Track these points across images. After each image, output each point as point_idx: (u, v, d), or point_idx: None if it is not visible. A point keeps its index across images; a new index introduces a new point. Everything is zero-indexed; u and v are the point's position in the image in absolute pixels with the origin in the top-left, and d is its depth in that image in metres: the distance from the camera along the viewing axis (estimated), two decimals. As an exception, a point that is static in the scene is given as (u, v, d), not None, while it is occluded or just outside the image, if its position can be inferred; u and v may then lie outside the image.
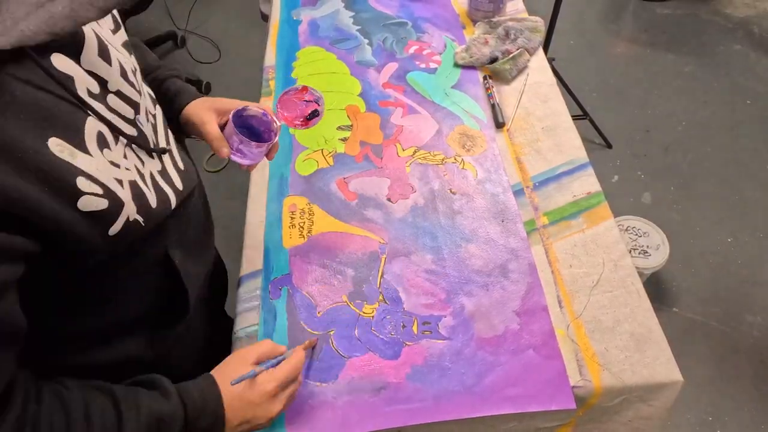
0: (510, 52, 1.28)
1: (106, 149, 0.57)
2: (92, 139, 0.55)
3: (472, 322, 0.88)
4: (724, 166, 2.28)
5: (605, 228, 0.99)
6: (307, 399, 0.81)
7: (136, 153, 0.64)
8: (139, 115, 0.66)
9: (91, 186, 0.53)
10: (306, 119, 0.87)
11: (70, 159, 0.51)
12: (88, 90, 0.57)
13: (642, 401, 0.85)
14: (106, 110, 0.59)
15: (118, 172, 0.58)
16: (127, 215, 0.58)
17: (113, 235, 0.57)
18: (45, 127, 0.50)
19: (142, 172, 0.64)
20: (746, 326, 1.81)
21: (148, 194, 0.63)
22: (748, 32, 2.89)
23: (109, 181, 0.56)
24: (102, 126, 0.57)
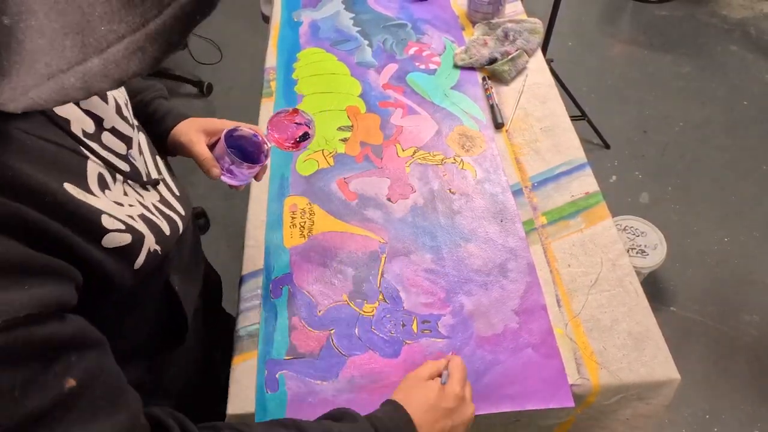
0: (509, 53, 1.28)
1: (107, 190, 0.56)
2: (94, 181, 0.54)
3: (471, 321, 0.88)
4: (721, 167, 2.28)
5: (603, 228, 0.99)
6: (308, 397, 0.81)
7: (133, 188, 0.63)
8: (131, 149, 0.65)
9: (114, 223, 0.53)
10: (296, 141, 0.86)
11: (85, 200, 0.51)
12: (84, 131, 0.56)
13: (640, 399, 0.85)
14: (100, 149, 0.58)
15: (126, 209, 0.58)
16: (149, 247, 0.58)
17: (138, 269, 0.57)
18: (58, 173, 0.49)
19: (145, 204, 0.64)
20: (743, 325, 1.81)
21: (160, 223, 0.63)
22: (745, 34, 2.89)
23: (124, 217, 0.55)
24: (101, 167, 0.56)
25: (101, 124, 0.60)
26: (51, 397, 0.40)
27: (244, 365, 0.85)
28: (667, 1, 3.12)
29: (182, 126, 0.84)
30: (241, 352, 0.87)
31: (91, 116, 0.58)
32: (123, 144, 0.63)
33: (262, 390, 0.82)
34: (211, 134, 0.84)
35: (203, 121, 0.85)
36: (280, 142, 0.85)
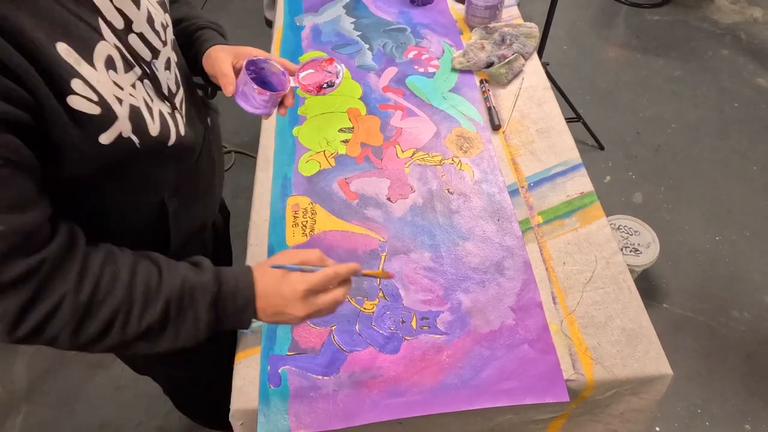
0: (506, 56, 1.28)
1: (112, 71, 0.61)
2: (100, 58, 0.59)
3: (469, 317, 0.88)
4: (712, 167, 2.27)
5: (598, 227, 0.99)
6: (309, 392, 0.81)
7: (145, 89, 0.67)
8: (156, 60, 0.70)
9: (86, 90, 0.57)
10: (320, 87, 0.88)
11: (75, 65, 0.56)
12: (112, 23, 0.61)
13: (633, 394, 0.85)
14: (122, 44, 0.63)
15: (119, 92, 0.61)
16: (120, 130, 0.61)
17: (106, 144, 0.60)
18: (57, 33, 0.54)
19: (150, 105, 0.67)
20: (733, 322, 1.81)
21: (149, 123, 0.66)
22: (736, 38, 2.89)
23: (106, 95, 0.59)
24: (114, 52, 0.61)
25: (130, 26, 0.65)
26: None
27: (248, 361, 0.85)
28: (660, 6, 3.11)
29: (216, 47, 0.86)
30: (245, 348, 0.87)
31: (122, 15, 0.63)
32: (149, 52, 0.68)
33: (265, 385, 0.82)
34: (240, 57, 0.84)
35: (237, 47, 0.86)
36: (305, 85, 0.87)
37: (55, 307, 0.58)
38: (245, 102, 0.82)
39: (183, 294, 0.66)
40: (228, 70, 0.82)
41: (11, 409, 1.73)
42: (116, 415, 1.70)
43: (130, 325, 0.62)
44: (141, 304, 0.63)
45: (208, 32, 0.90)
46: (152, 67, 0.69)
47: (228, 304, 0.68)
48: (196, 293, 0.66)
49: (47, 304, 0.57)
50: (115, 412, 1.71)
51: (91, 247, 0.63)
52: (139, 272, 0.64)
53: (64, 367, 1.81)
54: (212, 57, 0.84)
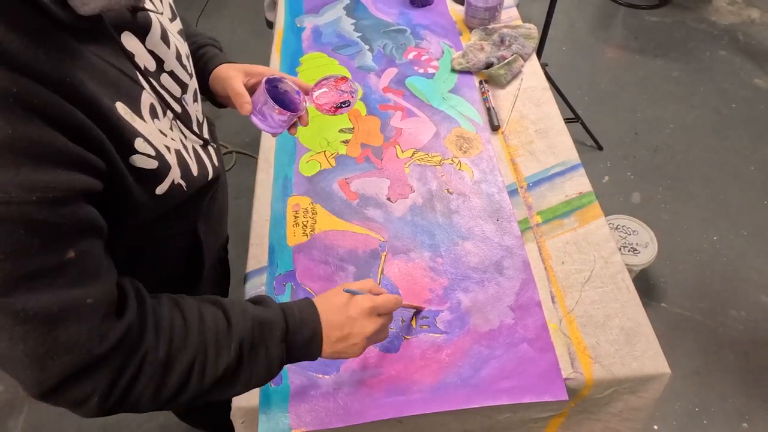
0: (505, 57, 1.28)
1: (156, 119, 0.62)
2: (146, 109, 0.60)
3: (468, 316, 0.88)
4: (710, 168, 2.27)
5: (596, 226, 0.99)
6: (310, 390, 0.81)
7: (179, 128, 0.68)
8: (186, 95, 0.71)
9: (146, 147, 0.57)
10: (335, 107, 0.87)
11: (131, 122, 0.56)
12: (145, 67, 0.62)
13: (631, 393, 0.85)
14: (158, 86, 0.64)
15: (165, 140, 0.62)
16: (173, 178, 0.63)
17: (160, 194, 0.61)
18: (114, 93, 0.55)
19: (185, 144, 0.68)
20: (731, 321, 1.81)
21: (191, 163, 0.68)
22: (734, 39, 2.89)
23: (159, 146, 0.60)
24: (154, 98, 0.62)
25: (162, 66, 0.66)
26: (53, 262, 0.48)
27: (249, 359, 0.85)
28: (658, 8, 3.11)
29: (225, 66, 0.85)
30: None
31: (154, 57, 0.64)
32: (179, 87, 0.69)
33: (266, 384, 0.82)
34: (250, 75, 0.84)
35: (245, 65, 0.86)
36: (320, 105, 0.86)
37: (138, 370, 0.56)
38: (262, 121, 0.80)
39: (254, 332, 0.64)
40: (242, 89, 0.80)
41: (14, 409, 1.73)
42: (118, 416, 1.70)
43: (207, 373, 0.60)
44: (215, 349, 0.61)
45: (210, 50, 0.89)
46: (182, 103, 0.70)
47: (297, 336, 0.67)
48: (265, 330, 0.65)
49: (132, 368, 0.55)
50: (116, 411, 1.71)
51: (155, 300, 0.61)
52: (206, 318, 0.62)
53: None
54: (222, 76, 0.83)
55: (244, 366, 0.63)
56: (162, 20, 0.67)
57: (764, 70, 2.68)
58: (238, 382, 0.64)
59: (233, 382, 0.64)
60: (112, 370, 0.54)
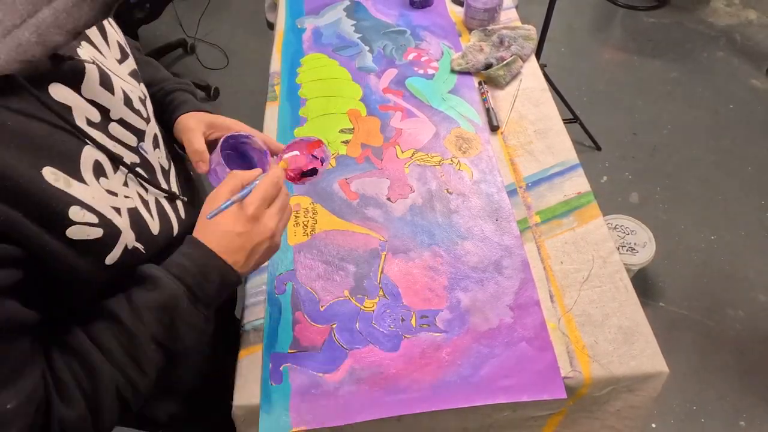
0: (504, 58, 1.28)
1: (103, 178, 0.55)
2: (88, 168, 0.53)
3: (467, 315, 0.88)
4: (707, 168, 2.28)
5: (594, 226, 0.99)
6: (311, 389, 0.81)
7: (138, 182, 0.62)
8: (143, 142, 0.64)
9: (85, 215, 0.51)
10: (302, 174, 0.76)
11: (65, 188, 0.50)
12: (88, 119, 0.56)
13: (629, 391, 0.85)
14: (106, 138, 0.57)
15: (115, 200, 0.56)
16: (125, 243, 0.57)
17: (111, 264, 0.55)
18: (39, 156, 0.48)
19: (145, 199, 0.62)
20: (728, 320, 1.81)
21: (150, 222, 0.61)
22: (731, 40, 2.89)
23: (105, 210, 0.54)
24: (100, 155, 0.55)
25: (108, 114, 0.59)
26: None
27: (250, 358, 0.85)
28: (656, 9, 3.11)
29: (188, 116, 0.78)
30: (247, 346, 0.87)
31: (96, 106, 0.57)
32: (133, 136, 0.63)
33: (267, 382, 0.82)
34: (214, 128, 0.77)
35: (212, 116, 0.79)
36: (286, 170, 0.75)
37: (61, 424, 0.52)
38: (216, 182, 0.72)
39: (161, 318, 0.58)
40: (200, 145, 0.73)
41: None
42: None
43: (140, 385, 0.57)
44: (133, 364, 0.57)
45: (178, 96, 0.81)
46: (140, 152, 0.63)
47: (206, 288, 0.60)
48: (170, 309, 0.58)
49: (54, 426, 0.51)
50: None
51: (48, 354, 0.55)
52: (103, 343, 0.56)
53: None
54: (183, 128, 0.76)
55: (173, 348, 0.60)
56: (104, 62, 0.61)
57: (761, 71, 2.69)
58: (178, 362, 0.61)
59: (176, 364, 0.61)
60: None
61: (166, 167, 0.71)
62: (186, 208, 0.73)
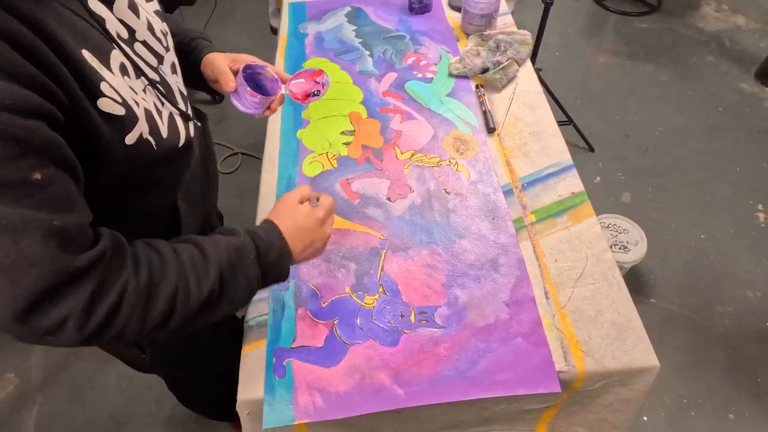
0: (500, 62, 1.28)
1: (127, 77, 0.62)
2: (116, 65, 0.60)
3: (465, 312, 0.88)
4: (697, 169, 2.27)
5: (588, 225, 0.99)
6: (313, 383, 0.81)
7: (156, 94, 0.68)
8: (162, 65, 0.72)
9: (111, 92, 0.57)
10: (306, 95, 0.93)
11: (98, 69, 0.56)
12: (117, 33, 0.62)
13: (622, 385, 0.85)
14: (131, 52, 0.64)
15: (135, 96, 0.62)
16: (141, 131, 0.62)
17: (130, 144, 0.60)
18: (80, 41, 0.55)
19: (160, 109, 0.68)
20: (718, 316, 1.81)
21: (161, 125, 0.67)
22: (720, 45, 2.89)
23: (127, 97, 0.60)
24: (125, 60, 0.62)
25: (134, 35, 0.66)
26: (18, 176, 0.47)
27: (254, 353, 0.85)
28: (648, 14, 3.11)
29: (214, 53, 0.90)
30: (251, 341, 0.87)
31: (125, 26, 0.64)
32: (154, 58, 0.70)
33: (271, 376, 0.82)
34: (235, 62, 0.88)
35: (233, 54, 0.90)
36: (293, 92, 0.92)
37: (120, 297, 0.56)
38: (238, 101, 0.87)
39: (230, 257, 0.66)
40: (227, 69, 0.86)
41: (27, 401, 1.73)
42: (127, 406, 1.70)
43: (192, 298, 0.62)
44: (195, 275, 0.62)
45: (201, 42, 0.92)
46: (160, 72, 0.71)
47: (268, 258, 0.70)
48: (240, 254, 0.67)
49: (112, 294, 0.55)
50: (126, 403, 1.71)
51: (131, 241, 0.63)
52: (181, 251, 0.64)
53: (78, 361, 1.81)
54: (210, 61, 0.88)
55: (228, 287, 0.65)
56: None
57: (749, 75, 2.68)
58: (222, 303, 0.66)
59: (218, 305, 0.65)
60: (86, 293, 0.53)
61: (184, 93, 0.79)
62: (194, 128, 0.80)
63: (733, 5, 3.14)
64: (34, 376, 1.78)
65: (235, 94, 0.86)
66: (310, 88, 0.93)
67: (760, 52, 2.77)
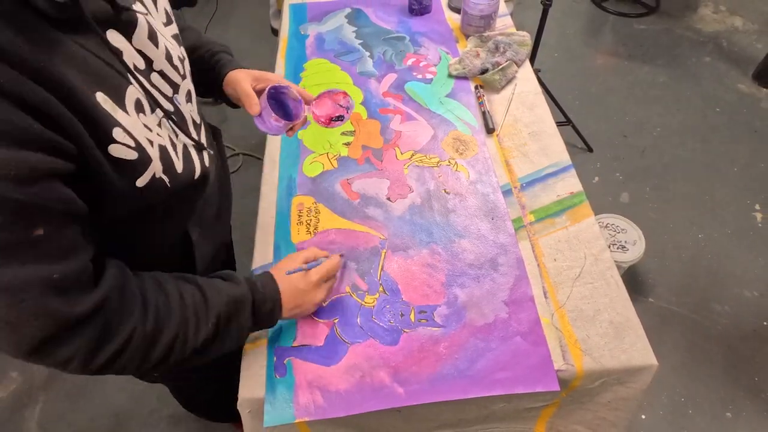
0: (499, 63, 1.28)
1: (142, 114, 0.61)
2: (131, 102, 0.59)
3: (464, 311, 0.88)
4: (695, 169, 2.28)
5: (586, 225, 0.99)
6: (313, 381, 0.81)
7: (170, 126, 0.68)
8: (177, 95, 0.71)
9: (125, 138, 0.57)
10: (330, 120, 0.92)
11: (112, 112, 0.55)
12: (134, 65, 0.62)
13: (620, 384, 0.85)
14: (148, 84, 0.64)
15: (150, 134, 0.62)
16: (154, 172, 0.62)
17: (141, 187, 0.61)
18: (94, 83, 0.54)
19: (175, 142, 0.68)
20: (715, 315, 1.81)
21: (176, 161, 0.68)
22: (718, 46, 2.89)
23: (141, 138, 0.60)
24: (141, 94, 0.61)
25: (151, 65, 0.65)
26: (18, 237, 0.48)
27: (255, 352, 0.85)
28: (646, 16, 3.11)
29: (237, 71, 0.89)
30: (252, 340, 0.87)
31: (142, 55, 0.64)
32: (170, 87, 0.69)
33: (272, 375, 0.82)
34: (259, 81, 0.87)
35: (256, 71, 0.89)
36: (317, 116, 0.91)
37: (127, 341, 0.59)
38: (261, 124, 0.85)
39: (228, 308, 0.70)
40: (251, 91, 0.85)
41: (30, 399, 1.73)
42: (130, 404, 1.70)
43: (188, 345, 0.66)
44: (195, 323, 0.66)
45: (223, 56, 0.92)
46: (174, 102, 0.71)
47: (262, 309, 0.75)
48: (238, 306, 0.72)
49: (120, 339, 0.58)
50: (128, 401, 1.71)
51: (139, 277, 0.64)
52: (186, 295, 0.67)
53: (81, 359, 1.81)
54: (234, 80, 0.87)
55: (219, 337, 0.70)
56: (153, 22, 0.66)
57: (747, 76, 2.69)
58: (213, 349, 0.70)
59: (207, 352, 0.69)
60: (91, 338, 0.56)
61: (197, 121, 0.78)
62: (209, 158, 0.80)
63: (730, 7, 3.15)
64: (37, 375, 1.78)
65: (258, 118, 0.85)
66: (334, 112, 0.92)
67: (757, 53, 2.77)
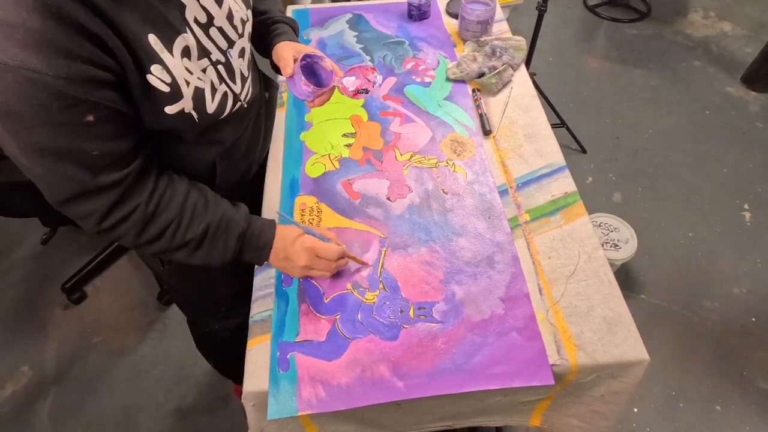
0: (496, 67, 1.28)
1: (186, 58, 0.70)
2: (179, 47, 0.68)
3: (462, 307, 0.88)
4: (685, 169, 2.27)
5: (580, 224, 0.99)
6: (316, 375, 0.81)
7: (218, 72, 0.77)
8: (231, 49, 0.80)
9: (162, 73, 0.67)
10: (356, 92, 0.96)
11: (159, 52, 0.65)
12: (195, 18, 0.71)
13: (613, 378, 0.85)
14: (204, 36, 0.73)
15: (189, 76, 0.71)
16: (183, 107, 0.72)
17: (170, 114, 0.70)
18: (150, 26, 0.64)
19: (216, 88, 0.77)
20: (705, 311, 1.81)
21: (208, 103, 0.76)
22: (707, 50, 2.89)
23: (178, 77, 0.69)
24: (192, 42, 0.70)
25: (212, 21, 0.74)
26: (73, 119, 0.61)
27: (259, 347, 0.85)
28: (638, 21, 3.11)
29: (283, 43, 0.97)
30: (256, 336, 0.87)
31: (205, 11, 0.72)
32: (225, 42, 0.78)
33: (275, 369, 0.82)
34: (301, 53, 0.93)
35: (300, 45, 0.97)
36: (344, 86, 0.95)
37: (131, 212, 0.72)
38: (293, 87, 0.92)
39: (221, 222, 0.80)
40: (288, 57, 0.92)
41: (41, 392, 1.73)
42: (137, 398, 1.70)
43: (176, 237, 0.77)
44: (188, 221, 0.77)
45: (281, 26, 1.00)
46: (227, 55, 0.79)
47: (252, 240, 0.83)
48: (230, 225, 0.81)
49: (127, 208, 0.72)
50: (136, 395, 1.71)
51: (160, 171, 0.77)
52: (190, 197, 0.78)
53: (90, 354, 1.81)
54: (279, 49, 0.95)
55: (205, 244, 0.80)
56: None
57: (735, 79, 2.68)
58: (199, 253, 0.80)
59: (194, 252, 0.80)
60: (108, 202, 0.70)
61: (245, 75, 0.87)
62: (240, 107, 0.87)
63: (720, 12, 3.14)
64: (48, 369, 1.78)
65: (291, 80, 0.91)
66: (361, 85, 0.95)
67: (745, 58, 2.77)
